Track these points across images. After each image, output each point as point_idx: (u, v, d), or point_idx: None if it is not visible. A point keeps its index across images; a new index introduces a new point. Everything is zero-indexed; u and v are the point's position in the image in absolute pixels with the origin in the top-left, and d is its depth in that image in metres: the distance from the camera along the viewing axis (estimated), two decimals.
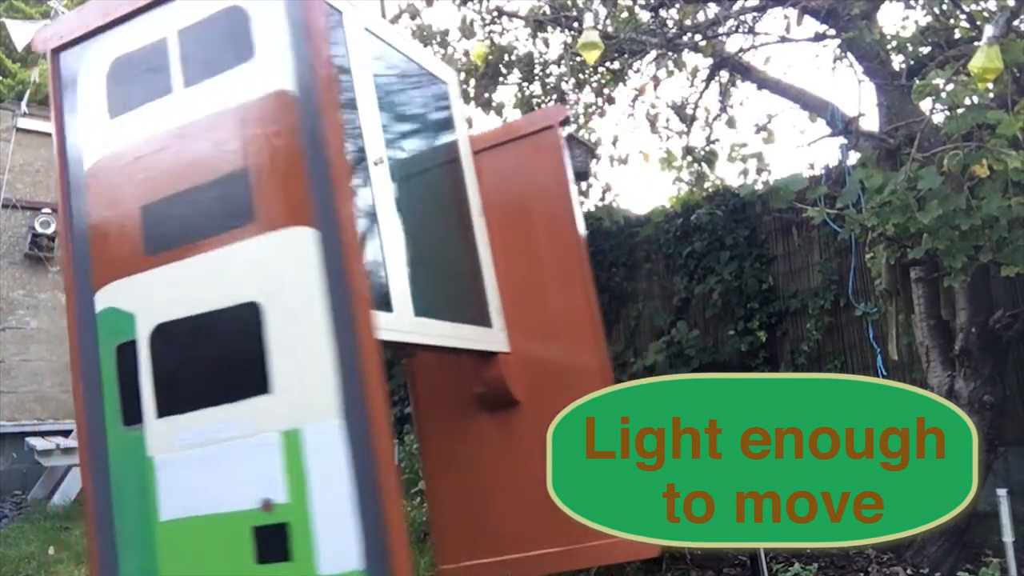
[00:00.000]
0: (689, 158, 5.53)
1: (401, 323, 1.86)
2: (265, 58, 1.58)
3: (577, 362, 2.36)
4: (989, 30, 2.87)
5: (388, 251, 1.91)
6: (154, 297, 1.59)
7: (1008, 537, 2.83)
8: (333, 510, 1.36)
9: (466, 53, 5.30)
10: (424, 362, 2.53)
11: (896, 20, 12.19)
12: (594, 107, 5.83)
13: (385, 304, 1.85)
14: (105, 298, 1.64)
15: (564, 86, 5.47)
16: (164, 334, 1.57)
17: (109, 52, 1.78)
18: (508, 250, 2.50)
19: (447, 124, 2.56)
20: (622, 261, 6.36)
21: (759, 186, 4.91)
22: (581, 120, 5.77)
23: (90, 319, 1.63)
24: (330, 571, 1.35)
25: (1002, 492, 2.88)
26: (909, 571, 3.79)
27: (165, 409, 1.55)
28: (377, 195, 1.94)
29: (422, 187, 2.38)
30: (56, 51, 1.88)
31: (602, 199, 6.27)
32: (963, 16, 4.07)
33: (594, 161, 5.30)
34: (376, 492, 1.33)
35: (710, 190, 5.76)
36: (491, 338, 2.30)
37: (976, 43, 3.09)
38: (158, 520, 1.50)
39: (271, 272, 1.49)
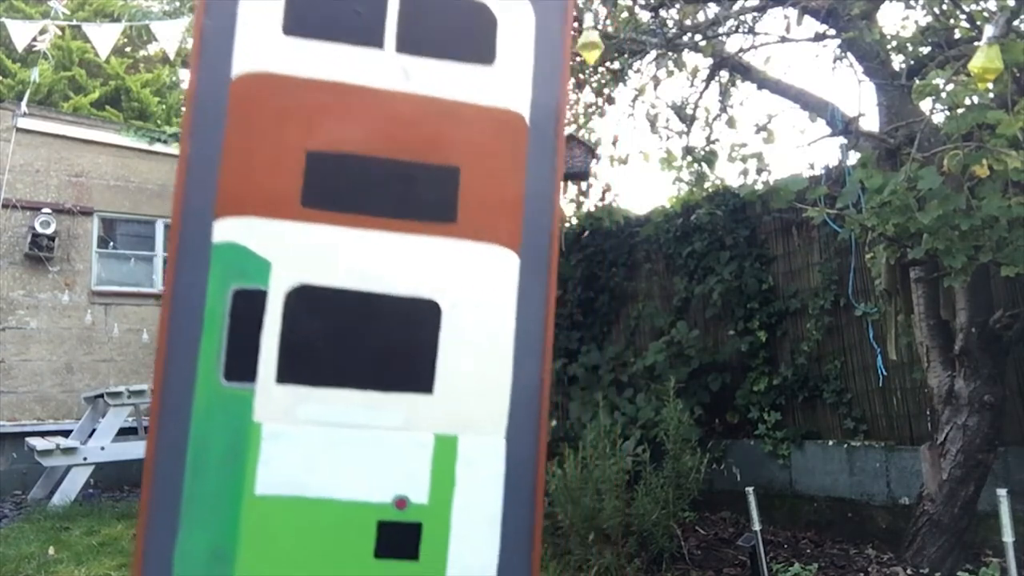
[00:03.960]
0: (689, 158, 5.53)
1: None
2: (505, 72, 1.52)
3: None
4: (989, 30, 2.87)
5: None
6: (305, 253, 1.45)
7: (1008, 537, 2.83)
8: (475, 523, 1.37)
9: None
10: None
11: (896, 20, 12.20)
12: (594, 107, 5.83)
13: None
14: (230, 231, 1.45)
15: None
16: (311, 297, 1.44)
17: None
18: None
19: None
20: (622, 261, 6.36)
21: (759, 186, 4.90)
22: (581, 120, 5.77)
23: (202, 249, 1.45)
24: (460, 574, 1.36)
25: (1002, 492, 2.88)
26: (909, 571, 3.79)
27: (290, 376, 1.40)
28: None
29: None
30: None
31: (602, 199, 6.28)
32: (963, 16, 4.07)
33: (594, 161, 5.30)
34: (524, 514, 1.37)
35: (710, 190, 5.76)
36: None
37: (976, 43, 3.08)
38: (252, 493, 1.37)
39: (464, 280, 1.45)
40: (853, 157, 4.44)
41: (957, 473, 3.74)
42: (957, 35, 4.19)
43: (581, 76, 5.53)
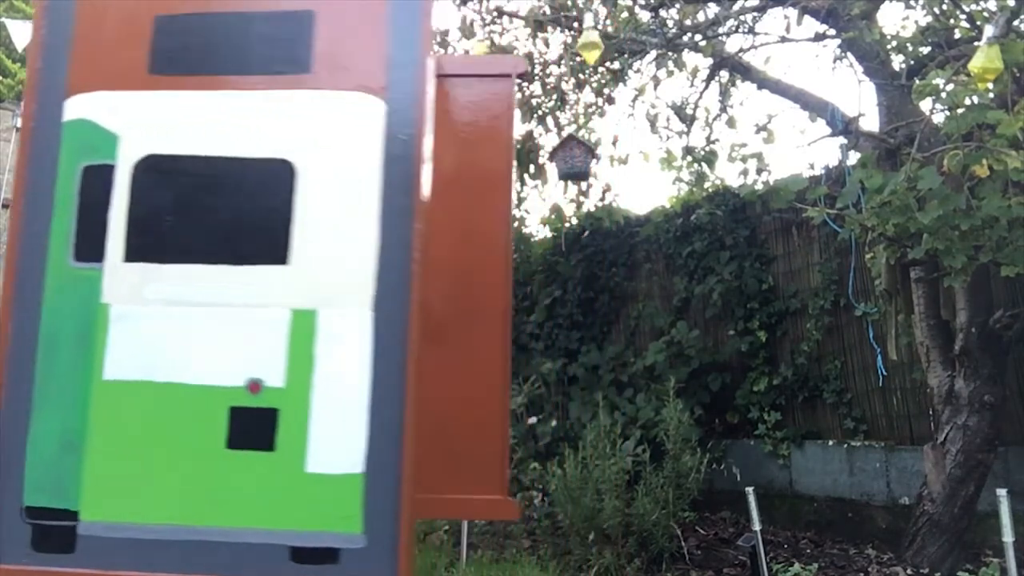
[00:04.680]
0: (689, 158, 5.53)
1: None
2: None
3: (481, 319, 2.26)
4: (989, 30, 2.87)
5: None
6: (152, 123, 1.37)
7: (1008, 537, 2.83)
8: (338, 406, 1.22)
9: (466, 53, 5.30)
10: None
11: (896, 20, 12.21)
12: (594, 107, 5.83)
13: None
14: (79, 108, 1.39)
15: (564, 86, 5.47)
16: (157, 168, 1.35)
17: None
18: (444, 189, 2.44)
19: None
20: (622, 261, 6.36)
21: (759, 186, 4.90)
22: (581, 120, 5.77)
23: (53, 128, 1.38)
24: (321, 470, 1.21)
25: (1002, 492, 2.88)
26: (909, 571, 3.79)
27: (138, 254, 1.32)
28: None
29: None
30: None
31: (602, 199, 6.28)
32: (963, 16, 4.07)
33: (594, 161, 5.29)
34: (398, 398, 1.21)
35: (710, 190, 5.76)
36: None
37: (976, 43, 3.09)
38: (100, 378, 1.30)
39: (321, 135, 1.31)
40: (853, 157, 4.44)
41: (957, 473, 3.74)
42: (957, 35, 4.19)
43: (581, 76, 5.53)
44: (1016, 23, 3.38)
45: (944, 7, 4.16)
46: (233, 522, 1.26)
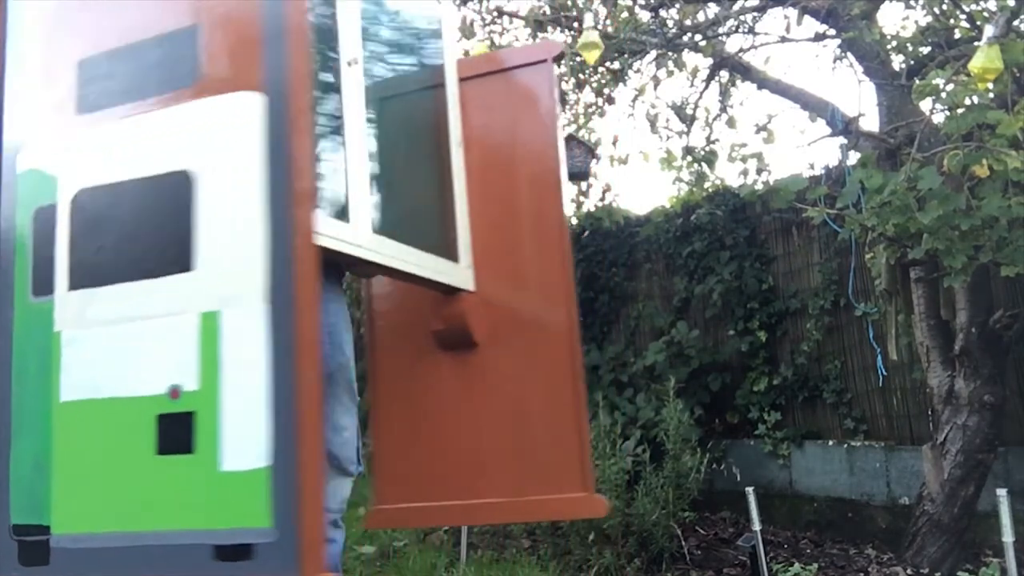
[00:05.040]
0: (689, 158, 5.53)
1: (357, 236, 1.73)
2: None
3: (544, 314, 2.22)
4: (989, 30, 2.88)
5: (352, 159, 1.77)
6: (81, 160, 1.47)
7: (1008, 537, 2.83)
8: (244, 402, 1.25)
9: (466, 53, 5.30)
10: (383, 291, 2.42)
11: (896, 20, 12.20)
12: (594, 107, 5.83)
13: (342, 214, 1.71)
14: (28, 159, 1.52)
15: (564, 86, 5.47)
16: (87, 200, 1.45)
17: None
18: (487, 187, 2.36)
19: (435, 45, 2.34)
20: (622, 261, 6.36)
21: (759, 186, 4.90)
22: (581, 120, 5.77)
23: (11, 182, 1.53)
24: (233, 468, 1.24)
25: (1002, 492, 2.88)
26: (909, 571, 3.79)
27: (79, 281, 1.42)
28: (346, 98, 1.80)
29: (401, 106, 2.24)
30: None
31: (602, 199, 6.28)
32: (963, 16, 4.07)
33: (594, 161, 5.30)
34: (294, 385, 1.23)
35: (710, 190, 5.76)
36: (456, 273, 2.12)
37: (976, 43, 3.09)
38: (58, 401, 1.40)
39: (210, 139, 1.37)
40: (853, 157, 4.44)
41: (957, 473, 3.74)
42: (957, 35, 4.19)
43: (581, 76, 5.53)
44: (1016, 23, 3.39)
45: (944, 7, 4.16)
46: (165, 525, 1.32)
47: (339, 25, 1.89)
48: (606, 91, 5.56)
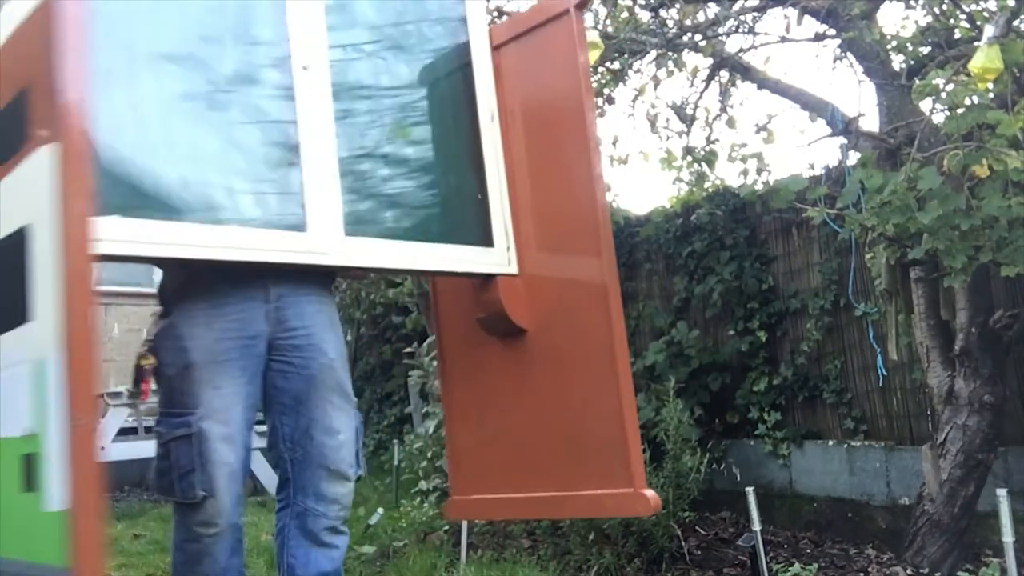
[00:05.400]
0: (689, 158, 5.53)
1: (319, 244, 1.78)
2: None
3: (585, 287, 2.16)
4: (989, 30, 2.88)
5: (308, 169, 1.81)
6: None
7: (1008, 537, 2.83)
8: (56, 444, 1.34)
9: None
10: (446, 286, 2.38)
11: (896, 20, 12.19)
12: (594, 107, 5.82)
13: (298, 226, 1.78)
14: None
15: None
16: None
17: None
18: (532, 158, 2.30)
19: (454, 19, 2.25)
20: (622, 261, 6.36)
21: (759, 186, 4.90)
22: None
23: None
24: (52, 508, 1.32)
25: (1002, 492, 2.88)
26: (909, 571, 3.79)
27: None
28: (302, 105, 1.82)
29: (410, 98, 2.16)
30: None
31: None
32: (963, 16, 4.07)
33: None
34: (70, 426, 1.31)
35: (710, 190, 5.75)
36: (488, 259, 2.07)
37: (976, 43, 3.09)
38: None
39: (33, 193, 1.44)
40: (853, 157, 4.44)
41: (957, 473, 3.74)
42: (957, 35, 4.19)
43: None
44: (1016, 23, 3.39)
45: (944, 7, 4.16)
46: (26, 556, 1.45)
47: (289, 27, 1.86)
48: (606, 91, 5.55)
